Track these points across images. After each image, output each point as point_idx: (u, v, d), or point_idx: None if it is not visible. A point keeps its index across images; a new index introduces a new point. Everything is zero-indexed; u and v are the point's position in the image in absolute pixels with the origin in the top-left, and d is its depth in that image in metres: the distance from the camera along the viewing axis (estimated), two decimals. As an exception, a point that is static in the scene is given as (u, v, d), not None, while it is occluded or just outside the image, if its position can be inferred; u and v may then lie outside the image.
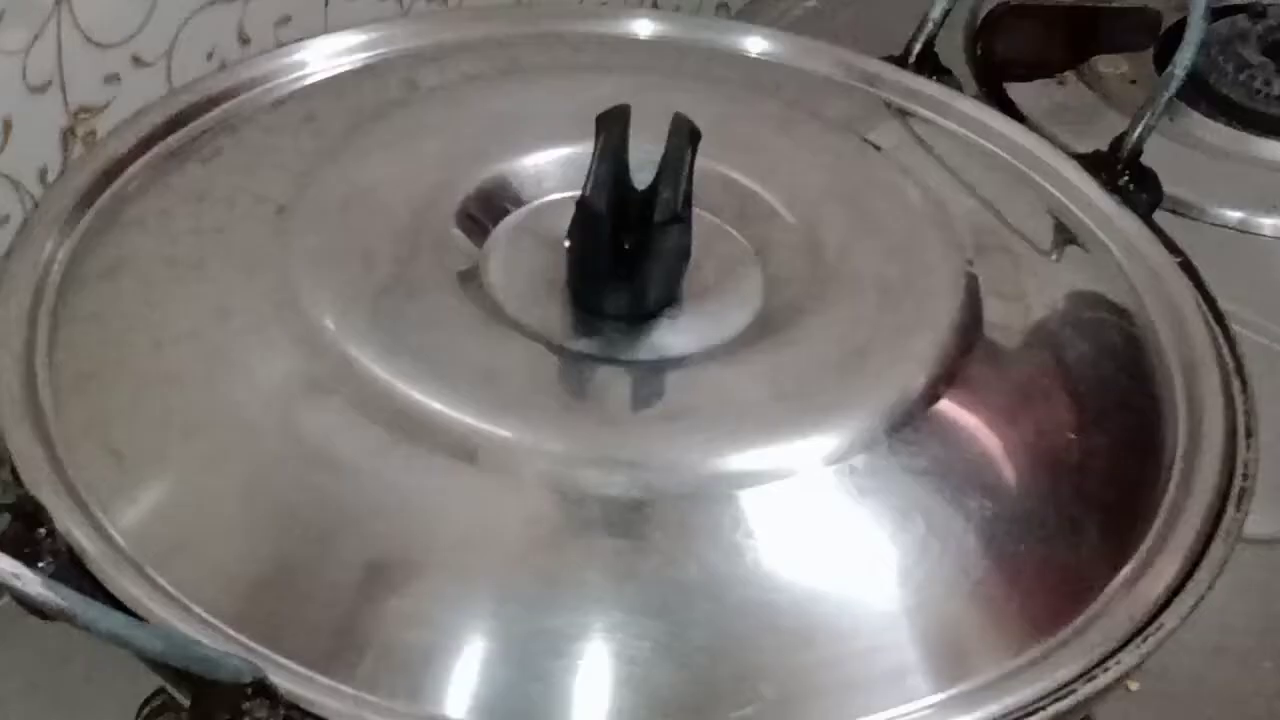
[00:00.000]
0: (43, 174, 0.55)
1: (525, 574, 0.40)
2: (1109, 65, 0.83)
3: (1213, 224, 0.74)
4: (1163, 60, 0.82)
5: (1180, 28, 0.77)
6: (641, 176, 0.43)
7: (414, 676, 0.39)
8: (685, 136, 0.43)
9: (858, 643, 0.40)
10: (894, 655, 0.40)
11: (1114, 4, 0.85)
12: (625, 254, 0.43)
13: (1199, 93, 0.80)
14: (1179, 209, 0.69)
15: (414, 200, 0.47)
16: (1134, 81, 0.82)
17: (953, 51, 0.77)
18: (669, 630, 0.39)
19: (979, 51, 0.83)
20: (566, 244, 0.44)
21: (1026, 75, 0.82)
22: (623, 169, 0.43)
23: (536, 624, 0.39)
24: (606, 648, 0.39)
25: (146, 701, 0.51)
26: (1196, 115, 0.79)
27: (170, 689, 0.39)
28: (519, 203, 0.48)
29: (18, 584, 0.32)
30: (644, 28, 0.57)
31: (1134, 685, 0.41)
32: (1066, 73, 0.82)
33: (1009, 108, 0.78)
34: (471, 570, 0.40)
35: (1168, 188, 0.54)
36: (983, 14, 0.84)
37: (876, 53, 0.58)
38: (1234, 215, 0.75)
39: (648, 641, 0.39)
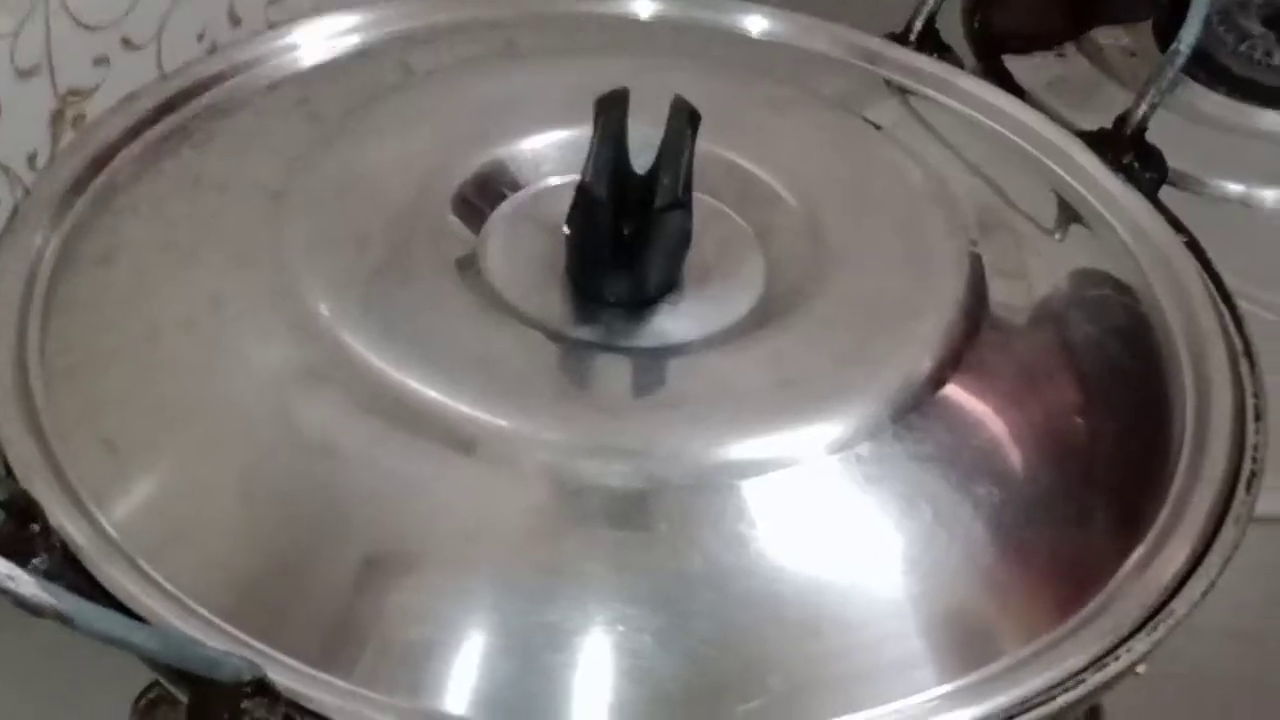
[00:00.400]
0: (32, 159, 0.54)
1: (525, 566, 0.40)
2: (1108, 37, 0.82)
3: (1214, 197, 0.74)
4: (1162, 31, 0.81)
5: (1179, -2, 0.77)
6: (641, 160, 0.42)
7: (414, 671, 0.38)
8: (685, 119, 0.42)
9: (865, 633, 0.39)
10: (902, 645, 0.39)
11: (1112, -27, 0.84)
12: (625, 240, 0.42)
13: (1199, 64, 0.79)
14: (1179, 182, 0.68)
15: (410, 186, 0.46)
16: (1134, 54, 0.81)
17: (950, 24, 0.76)
18: (672, 622, 0.39)
19: (976, 24, 0.82)
20: (566, 230, 0.43)
21: (1025, 48, 0.81)
22: (622, 153, 0.42)
23: (537, 617, 0.39)
24: (608, 640, 0.38)
25: (143, 693, 0.51)
26: (1196, 87, 0.78)
27: (168, 685, 0.39)
28: (516, 188, 0.47)
29: (11, 585, 0.32)
30: (641, 7, 0.57)
31: (1142, 668, 0.41)
32: (1066, 44, 0.82)
33: (1008, 81, 0.77)
34: (470, 562, 0.40)
35: (1168, 161, 0.54)
36: (981, -15, 0.83)
37: (872, 27, 0.57)
38: (1235, 188, 0.74)
39: (650, 634, 0.38)
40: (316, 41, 0.54)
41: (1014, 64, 0.80)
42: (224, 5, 0.59)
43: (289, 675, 0.37)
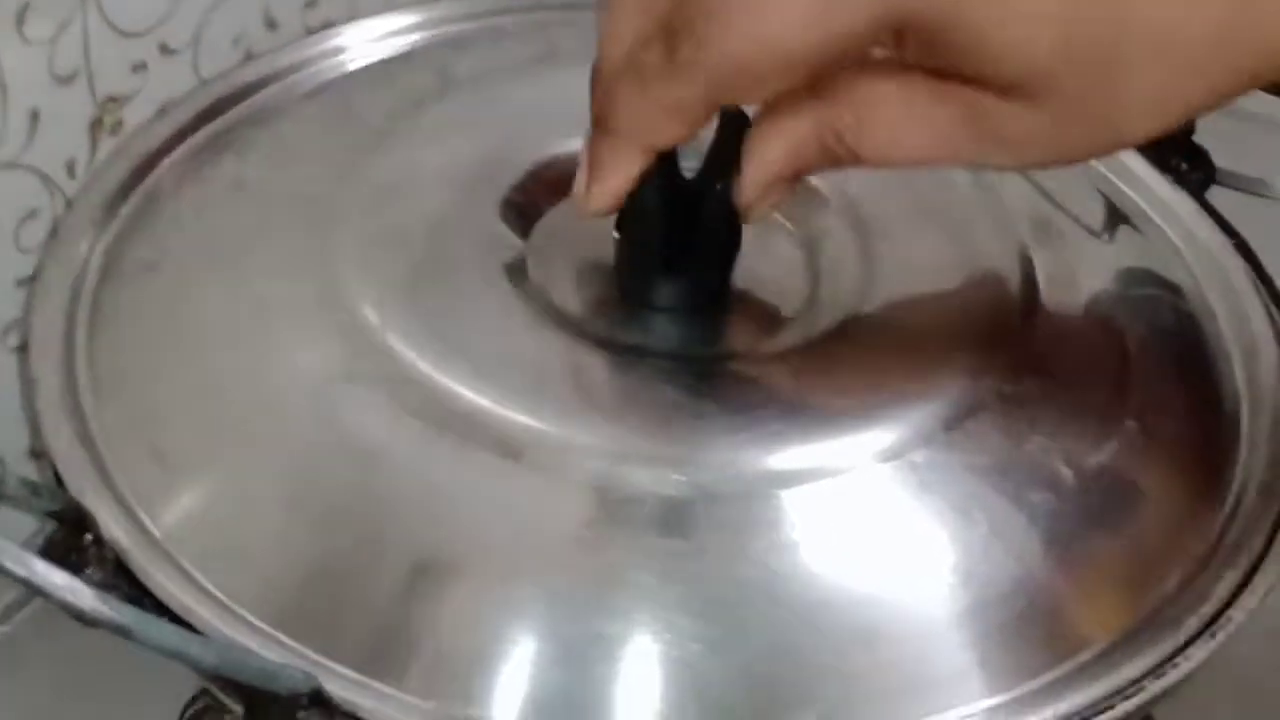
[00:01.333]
0: (70, 166, 0.54)
1: (574, 574, 0.39)
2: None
3: (1263, 197, 0.73)
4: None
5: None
6: (689, 165, 0.42)
7: (464, 681, 0.38)
8: (733, 125, 0.42)
9: (919, 644, 0.39)
10: (956, 656, 0.39)
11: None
12: (675, 246, 0.42)
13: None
14: (1227, 182, 0.68)
15: (456, 192, 0.46)
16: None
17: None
18: (723, 632, 0.38)
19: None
20: (615, 236, 0.43)
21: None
22: (672, 159, 0.42)
23: (587, 626, 0.38)
24: (659, 650, 0.38)
25: (190, 703, 0.51)
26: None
27: (221, 697, 0.39)
28: (564, 193, 0.46)
29: (72, 598, 0.32)
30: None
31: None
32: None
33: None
34: (519, 570, 0.39)
35: (1215, 161, 0.53)
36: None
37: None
38: (1284, 188, 0.73)
39: (701, 644, 0.38)
40: (357, 46, 0.54)
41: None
42: (260, 10, 0.59)
43: (342, 685, 0.37)
